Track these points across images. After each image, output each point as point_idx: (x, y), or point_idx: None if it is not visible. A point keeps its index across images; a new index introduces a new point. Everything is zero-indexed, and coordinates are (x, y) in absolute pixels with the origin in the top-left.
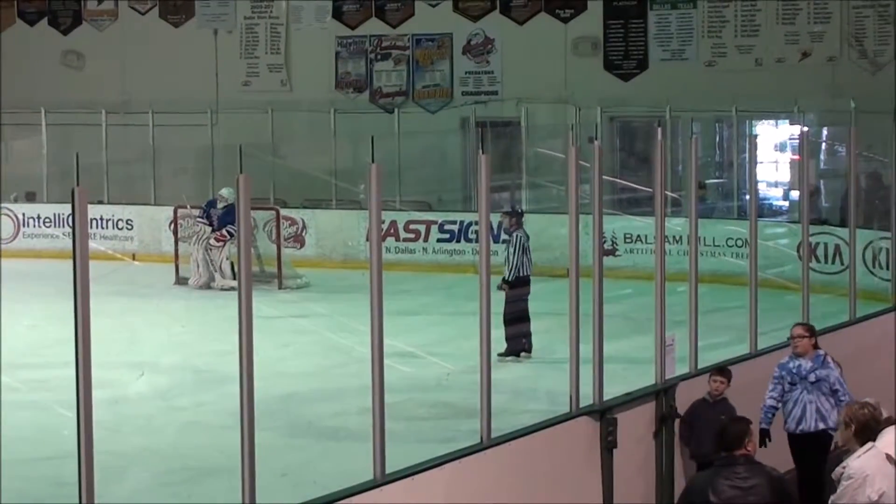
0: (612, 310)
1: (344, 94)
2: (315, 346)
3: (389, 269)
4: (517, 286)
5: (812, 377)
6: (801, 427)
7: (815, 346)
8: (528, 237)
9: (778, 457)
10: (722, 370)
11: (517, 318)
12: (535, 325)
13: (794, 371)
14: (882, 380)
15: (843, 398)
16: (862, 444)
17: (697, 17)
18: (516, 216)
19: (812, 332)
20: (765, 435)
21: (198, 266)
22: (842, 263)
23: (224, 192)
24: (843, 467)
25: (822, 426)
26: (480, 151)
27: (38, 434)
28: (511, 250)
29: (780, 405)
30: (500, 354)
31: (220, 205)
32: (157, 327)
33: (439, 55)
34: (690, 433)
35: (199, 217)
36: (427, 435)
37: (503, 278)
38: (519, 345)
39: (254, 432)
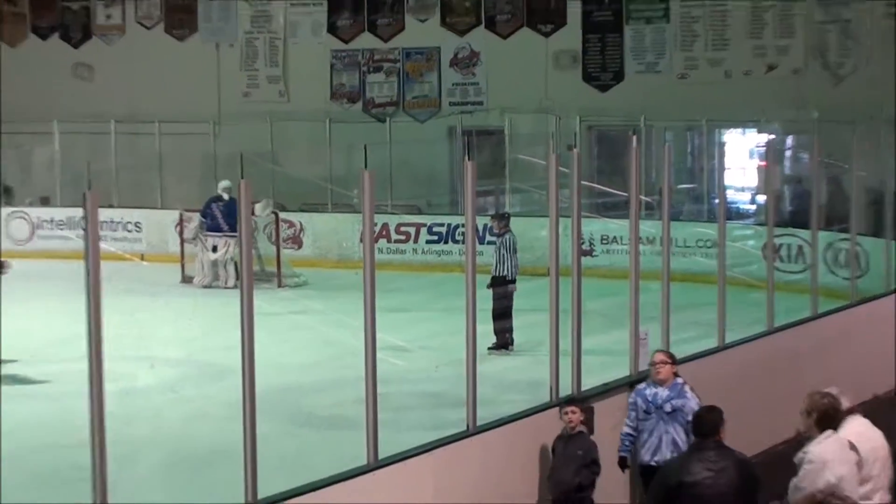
0: (589, 306)
1: (338, 104)
2: (312, 340)
3: (381, 269)
4: (505, 284)
5: (668, 407)
6: (656, 458)
7: (675, 375)
8: (516, 239)
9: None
10: (572, 400)
11: (504, 314)
12: (517, 321)
13: (650, 399)
14: (842, 371)
15: None
16: (822, 432)
17: (670, 31)
18: (504, 219)
19: (673, 359)
20: (623, 462)
21: (202, 266)
22: (804, 263)
23: (224, 183)
24: (805, 453)
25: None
26: (467, 158)
27: (58, 423)
28: (503, 251)
29: (636, 433)
30: (489, 347)
31: (225, 197)
32: (165, 323)
33: (428, 68)
34: (551, 470)
35: (201, 218)
36: (417, 423)
37: (497, 277)
38: (506, 338)
39: (255, 422)
